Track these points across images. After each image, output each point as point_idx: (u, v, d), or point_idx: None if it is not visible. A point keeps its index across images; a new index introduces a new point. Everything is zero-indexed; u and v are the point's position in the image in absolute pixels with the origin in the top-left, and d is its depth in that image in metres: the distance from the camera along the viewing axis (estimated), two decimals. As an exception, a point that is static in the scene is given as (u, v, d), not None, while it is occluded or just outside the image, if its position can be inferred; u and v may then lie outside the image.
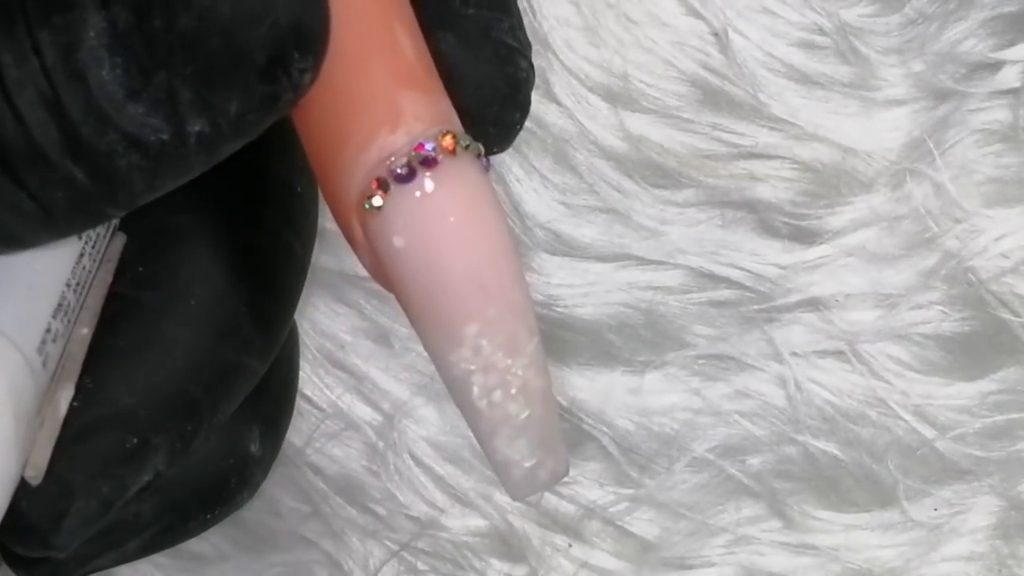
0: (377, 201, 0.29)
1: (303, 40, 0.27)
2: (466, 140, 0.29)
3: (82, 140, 0.27)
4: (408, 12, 0.30)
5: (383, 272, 0.29)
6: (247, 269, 0.34)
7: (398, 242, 0.29)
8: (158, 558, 0.48)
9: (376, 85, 0.29)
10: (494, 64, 0.33)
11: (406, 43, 0.30)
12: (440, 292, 0.29)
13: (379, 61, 0.29)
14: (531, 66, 0.34)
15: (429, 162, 0.29)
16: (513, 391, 0.29)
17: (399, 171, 0.29)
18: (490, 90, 0.33)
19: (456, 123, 0.30)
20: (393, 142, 0.29)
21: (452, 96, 0.30)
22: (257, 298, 0.35)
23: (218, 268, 0.34)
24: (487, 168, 0.30)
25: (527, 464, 0.30)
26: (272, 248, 0.35)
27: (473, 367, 0.29)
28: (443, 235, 0.29)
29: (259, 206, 0.35)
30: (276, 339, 0.36)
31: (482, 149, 0.30)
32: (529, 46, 0.35)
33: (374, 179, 0.29)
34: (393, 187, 0.29)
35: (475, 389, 0.29)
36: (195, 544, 0.48)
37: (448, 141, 0.29)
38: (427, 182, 0.29)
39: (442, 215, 0.29)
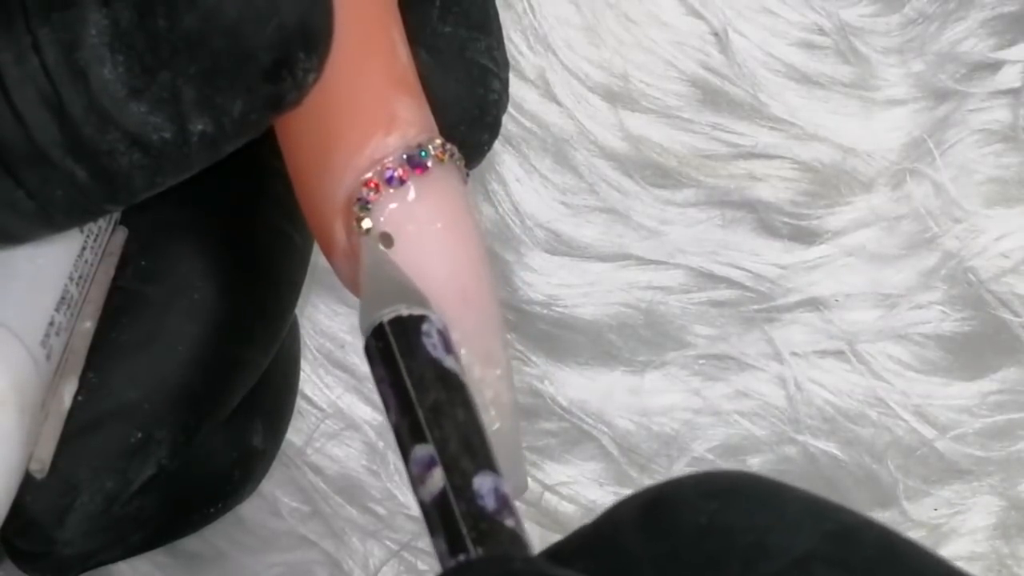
0: (368, 204, 0.29)
1: (308, 41, 0.28)
2: (452, 149, 0.30)
3: (83, 139, 0.27)
4: (400, 19, 0.30)
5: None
6: (248, 262, 0.35)
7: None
8: (158, 557, 0.48)
9: (374, 88, 0.29)
10: (464, 84, 0.33)
11: (401, 49, 0.30)
12: None
13: (377, 64, 0.29)
14: (505, 88, 0.34)
15: (421, 168, 0.29)
16: (486, 403, 0.29)
17: (392, 174, 0.29)
18: (458, 110, 0.33)
19: (437, 132, 0.30)
20: (387, 145, 0.29)
21: None
22: (258, 291, 0.35)
23: (219, 262, 0.34)
24: (467, 180, 0.30)
25: None
26: (273, 241, 0.35)
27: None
28: (430, 241, 0.29)
29: (259, 199, 0.35)
30: (278, 332, 0.36)
31: (463, 160, 0.30)
32: (507, 65, 0.35)
33: (366, 181, 0.29)
34: (384, 190, 0.29)
35: None
36: (195, 544, 0.48)
37: (439, 148, 0.29)
38: (418, 187, 0.29)
39: (430, 221, 0.29)
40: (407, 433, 0.26)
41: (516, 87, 0.48)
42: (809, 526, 0.22)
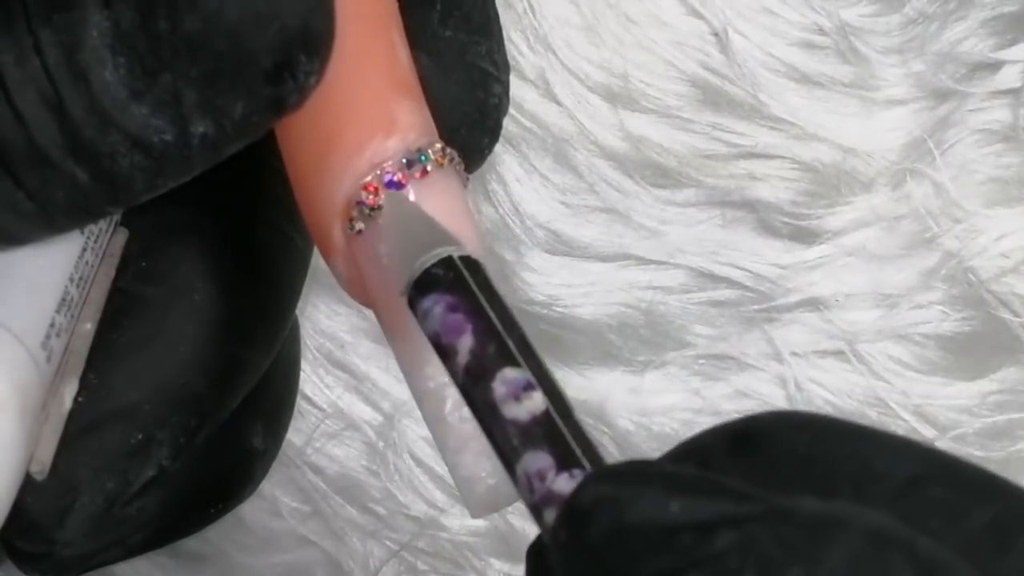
0: (366, 207, 0.29)
1: (310, 43, 0.28)
2: (452, 153, 0.29)
3: (84, 141, 0.27)
4: (400, 22, 0.30)
5: (360, 281, 0.29)
6: (249, 263, 0.35)
7: (383, 249, 0.29)
8: (159, 558, 0.48)
9: (373, 91, 0.29)
10: (465, 88, 0.33)
11: (402, 52, 0.30)
12: None
13: (377, 67, 0.29)
14: (506, 91, 0.34)
15: (420, 171, 0.29)
16: None
17: (392, 178, 0.29)
18: (459, 114, 0.33)
19: (437, 135, 0.30)
20: (386, 148, 0.29)
21: None
22: (259, 292, 0.35)
23: (220, 262, 0.34)
24: (466, 183, 0.30)
25: (491, 481, 0.29)
26: (273, 242, 0.35)
27: (448, 380, 0.29)
28: None
29: (260, 200, 0.35)
30: (278, 333, 0.36)
31: (463, 163, 0.30)
32: (507, 69, 0.35)
33: (365, 184, 0.29)
34: (384, 193, 0.29)
35: (448, 402, 0.29)
36: (195, 544, 0.48)
37: (439, 152, 0.29)
38: (417, 191, 0.29)
39: None
40: (494, 356, 0.26)
41: (516, 87, 0.48)
42: (907, 452, 0.23)
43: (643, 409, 0.49)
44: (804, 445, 0.23)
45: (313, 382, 0.49)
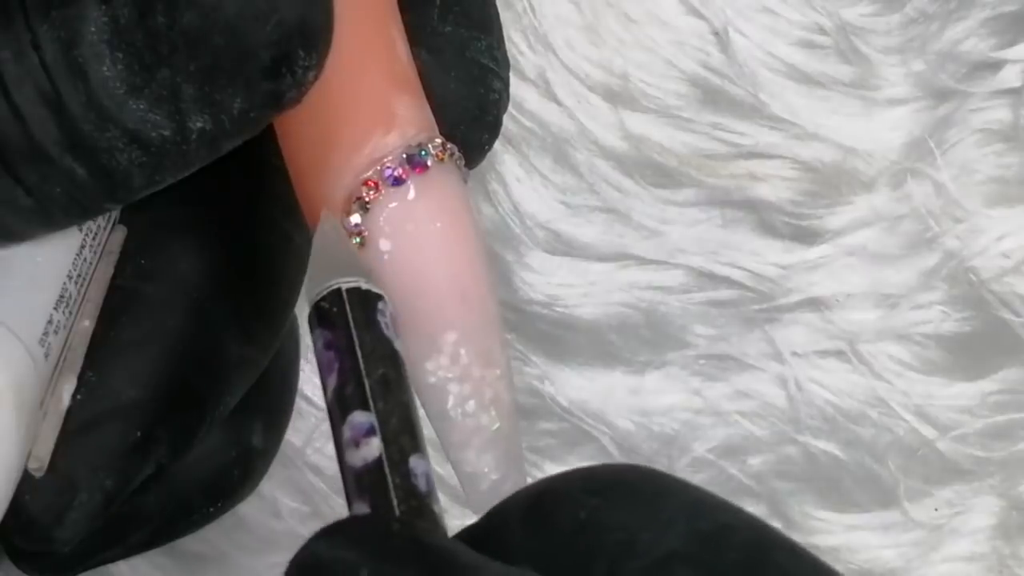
0: (367, 203, 0.29)
1: (308, 38, 0.28)
2: (452, 148, 0.30)
3: (82, 136, 0.27)
4: (399, 17, 0.30)
5: None
6: (247, 261, 0.34)
7: (384, 245, 0.29)
8: (158, 558, 0.48)
9: (373, 87, 0.29)
10: (465, 84, 0.33)
11: (401, 47, 0.30)
12: (421, 298, 0.29)
13: (376, 63, 0.29)
14: (506, 87, 0.34)
15: (420, 167, 0.29)
16: (486, 402, 0.29)
17: (391, 174, 0.29)
18: (459, 110, 0.33)
19: (437, 131, 0.30)
20: (386, 144, 0.29)
21: None
22: (258, 290, 0.35)
23: (218, 260, 0.34)
24: (467, 179, 0.30)
25: (494, 477, 0.30)
26: (272, 240, 0.35)
27: (451, 375, 0.29)
28: (429, 240, 0.29)
29: (259, 198, 0.35)
30: (277, 331, 0.35)
31: (463, 159, 0.30)
32: (507, 65, 0.35)
33: (365, 180, 0.29)
34: (384, 189, 0.29)
35: (451, 398, 0.29)
36: (195, 544, 0.48)
37: (439, 147, 0.29)
38: (417, 187, 0.29)
39: (430, 220, 0.29)
40: (349, 397, 0.26)
41: (516, 86, 0.48)
42: (682, 525, 0.23)
43: (643, 409, 0.49)
44: (587, 511, 0.23)
45: (313, 382, 0.49)
